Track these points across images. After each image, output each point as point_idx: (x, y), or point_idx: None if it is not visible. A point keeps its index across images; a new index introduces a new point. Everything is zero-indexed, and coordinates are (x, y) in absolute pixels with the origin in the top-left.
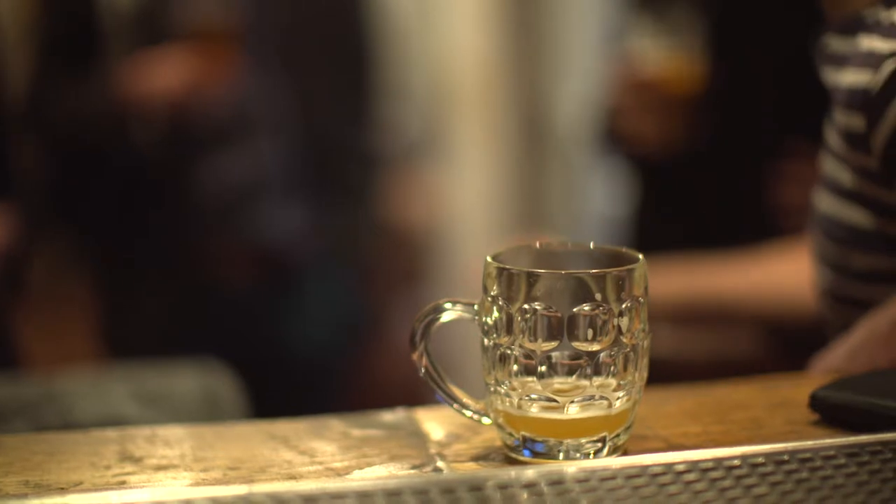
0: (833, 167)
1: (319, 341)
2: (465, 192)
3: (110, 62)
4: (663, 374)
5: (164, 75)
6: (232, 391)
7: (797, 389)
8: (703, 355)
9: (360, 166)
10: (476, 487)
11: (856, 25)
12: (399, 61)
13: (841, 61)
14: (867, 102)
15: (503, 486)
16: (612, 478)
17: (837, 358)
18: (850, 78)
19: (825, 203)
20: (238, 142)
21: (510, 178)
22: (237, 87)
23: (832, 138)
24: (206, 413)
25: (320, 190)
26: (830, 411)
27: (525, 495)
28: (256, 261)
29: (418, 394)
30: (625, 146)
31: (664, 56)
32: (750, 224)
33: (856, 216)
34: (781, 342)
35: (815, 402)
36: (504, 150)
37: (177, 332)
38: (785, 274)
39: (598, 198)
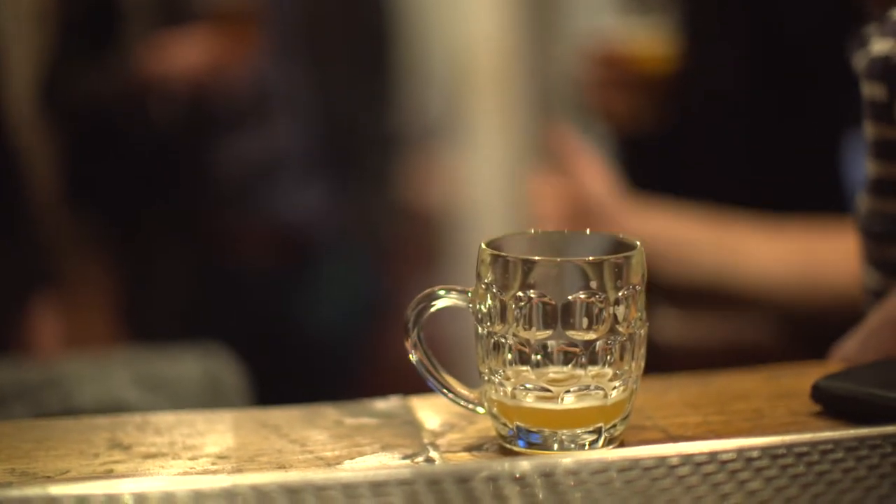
0: (868, 163)
1: (335, 323)
2: (484, 174)
3: (130, 42)
4: (668, 360)
5: (184, 56)
6: (235, 376)
7: (800, 379)
8: (710, 342)
9: (378, 148)
10: (463, 479)
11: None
12: (418, 43)
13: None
14: (888, 70)
15: (491, 479)
16: (604, 471)
17: (851, 346)
18: (874, 48)
19: (864, 202)
20: (257, 123)
21: (528, 158)
22: (257, 69)
23: (867, 129)
24: (209, 399)
25: (338, 171)
26: (833, 402)
27: (514, 488)
28: (273, 242)
29: None
30: (597, 121)
31: (637, 33)
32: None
33: (887, 205)
34: (794, 330)
35: (817, 393)
36: (522, 131)
37: (192, 313)
38: (830, 254)
39: None
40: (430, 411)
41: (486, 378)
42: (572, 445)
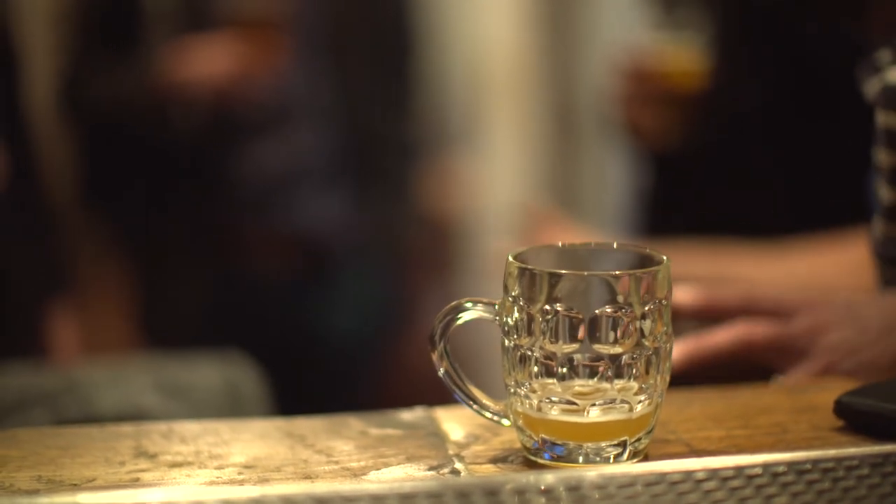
0: (882, 190)
1: (353, 331)
2: (501, 182)
3: (153, 47)
4: (687, 374)
5: (208, 62)
6: (254, 384)
7: (822, 394)
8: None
9: (398, 156)
10: (492, 492)
11: None
12: (438, 52)
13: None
14: None
15: (519, 492)
16: (631, 485)
17: None
18: (889, 76)
19: (878, 227)
20: (278, 130)
21: (545, 167)
22: (280, 77)
23: (881, 156)
24: (228, 406)
25: (358, 179)
26: (856, 417)
27: (540, 500)
28: (292, 249)
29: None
30: (625, 136)
31: (669, 49)
32: (748, 226)
33: None
34: None
35: (840, 408)
36: (539, 140)
37: (211, 321)
38: (830, 269)
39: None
40: (454, 423)
41: (512, 390)
42: (597, 458)
